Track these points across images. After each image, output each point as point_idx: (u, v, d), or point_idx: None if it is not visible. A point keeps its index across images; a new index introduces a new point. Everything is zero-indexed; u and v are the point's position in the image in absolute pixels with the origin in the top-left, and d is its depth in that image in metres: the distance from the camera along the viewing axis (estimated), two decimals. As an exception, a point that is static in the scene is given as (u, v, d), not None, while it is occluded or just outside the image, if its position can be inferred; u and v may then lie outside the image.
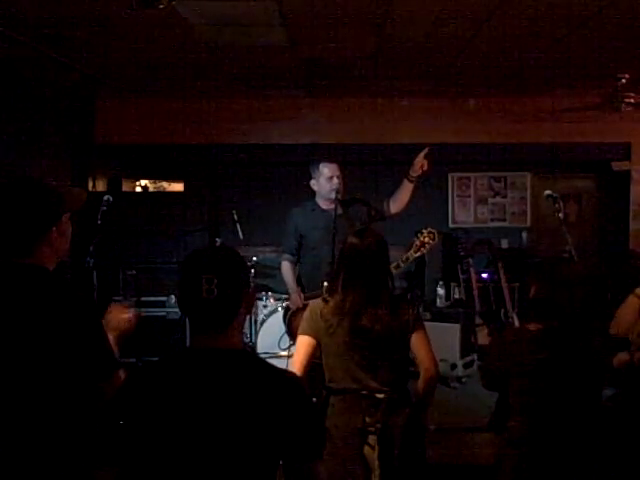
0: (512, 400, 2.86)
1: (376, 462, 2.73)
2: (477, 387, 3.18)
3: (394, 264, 3.90)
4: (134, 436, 1.71)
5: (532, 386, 2.81)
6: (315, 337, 2.90)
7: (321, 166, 4.65)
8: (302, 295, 4.74)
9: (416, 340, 2.88)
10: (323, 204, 4.72)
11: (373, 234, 2.97)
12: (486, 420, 3.22)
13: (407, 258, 4.09)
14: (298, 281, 4.84)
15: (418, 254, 4.06)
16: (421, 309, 5.71)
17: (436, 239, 3.99)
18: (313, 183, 4.72)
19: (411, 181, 4.59)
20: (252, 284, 1.90)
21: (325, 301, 2.92)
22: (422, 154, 4.55)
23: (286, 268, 4.82)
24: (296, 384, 1.81)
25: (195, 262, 1.78)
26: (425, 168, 4.54)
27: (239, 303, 1.78)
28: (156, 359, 1.89)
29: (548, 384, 2.79)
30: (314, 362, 2.98)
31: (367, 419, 2.76)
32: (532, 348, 2.81)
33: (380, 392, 2.80)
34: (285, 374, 1.84)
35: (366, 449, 2.76)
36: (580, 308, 2.90)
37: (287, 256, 4.82)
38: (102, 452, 1.80)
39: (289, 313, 4.90)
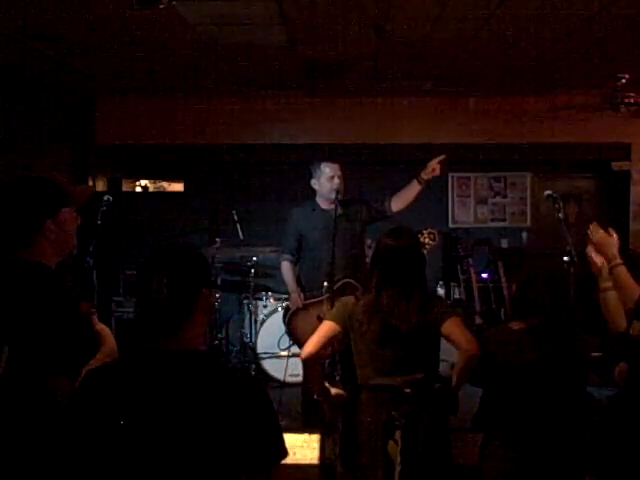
0: (496, 398, 2.87)
1: (399, 458, 2.74)
2: (477, 387, 3.18)
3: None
4: (88, 445, 1.64)
5: (515, 385, 2.81)
6: (342, 326, 2.91)
7: (323, 165, 4.65)
8: (302, 295, 4.74)
9: (449, 326, 2.86)
10: (323, 204, 4.72)
11: (407, 234, 2.99)
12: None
13: (407, 258, 4.08)
14: (298, 281, 4.84)
15: (418, 254, 4.05)
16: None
17: (436, 240, 3.98)
18: (314, 182, 4.72)
19: (420, 183, 4.60)
20: (210, 284, 1.80)
21: (356, 299, 2.93)
22: (438, 159, 4.55)
23: (286, 268, 4.82)
24: (253, 385, 1.72)
25: (148, 261, 1.72)
26: (437, 173, 4.56)
27: (192, 304, 1.70)
28: (110, 362, 1.83)
29: (531, 383, 2.79)
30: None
31: (393, 413, 2.78)
32: (515, 348, 2.82)
33: (407, 387, 2.81)
34: (241, 375, 1.79)
35: (390, 444, 2.78)
36: (562, 306, 2.91)
37: (287, 256, 4.82)
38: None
39: (289, 313, 4.89)
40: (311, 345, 2.91)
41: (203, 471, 1.61)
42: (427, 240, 3.97)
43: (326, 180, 4.62)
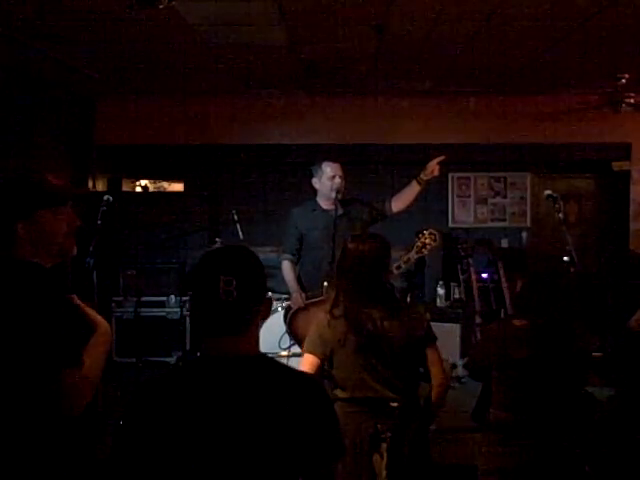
0: (493, 392, 2.88)
1: (384, 472, 2.72)
2: (477, 387, 3.18)
3: (395, 265, 3.90)
4: (154, 451, 1.61)
5: (513, 381, 2.84)
6: (321, 355, 2.84)
7: (324, 165, 4.66)
8: (303, 295, 4.74)
9: (430, 355, 2.89)
10: (324, 204, 4.72)
11: (372, 238, 2.91)
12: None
13: (408, 259, 4.08)
14: (298, 281, 4.84)
15: (419, 255, 4.05)
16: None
17: (437, 240, 3.98)
18: (315, 182, 4.73)
19: (420, 184, 4.61)
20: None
21: (332, 315, 2.85)
22: (437, 160, 4.56)
23: (287, 268, 4.82)
24: (317, 387, 1.76)
25: (212, 263, 1.70)
26: (436, 174, 4.56)
27: (258, 307, 1.70)
28: (171, 368, 1.82)
29: (529, 380, 2.82)
30: None
31: (379, 426, 2.75)
32: (515, 344, 2.84)
33: (393, 400, 2.79)
34: (305, 377, 1.80)
35: (375, 457, 2.74)
36: (565, 304, 2.92)
37: (287, 256, 4.82)
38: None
39: (290, 313, 4.89)
40: None
41: (273, 471, 1.63)
42: (428, 240, 3.97)
43: (327, 179, 4.63)
